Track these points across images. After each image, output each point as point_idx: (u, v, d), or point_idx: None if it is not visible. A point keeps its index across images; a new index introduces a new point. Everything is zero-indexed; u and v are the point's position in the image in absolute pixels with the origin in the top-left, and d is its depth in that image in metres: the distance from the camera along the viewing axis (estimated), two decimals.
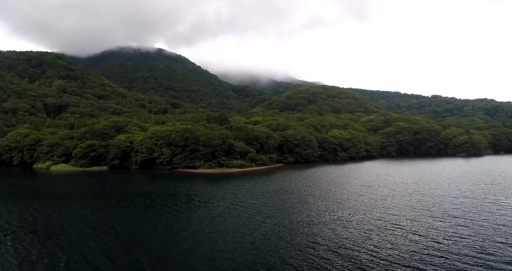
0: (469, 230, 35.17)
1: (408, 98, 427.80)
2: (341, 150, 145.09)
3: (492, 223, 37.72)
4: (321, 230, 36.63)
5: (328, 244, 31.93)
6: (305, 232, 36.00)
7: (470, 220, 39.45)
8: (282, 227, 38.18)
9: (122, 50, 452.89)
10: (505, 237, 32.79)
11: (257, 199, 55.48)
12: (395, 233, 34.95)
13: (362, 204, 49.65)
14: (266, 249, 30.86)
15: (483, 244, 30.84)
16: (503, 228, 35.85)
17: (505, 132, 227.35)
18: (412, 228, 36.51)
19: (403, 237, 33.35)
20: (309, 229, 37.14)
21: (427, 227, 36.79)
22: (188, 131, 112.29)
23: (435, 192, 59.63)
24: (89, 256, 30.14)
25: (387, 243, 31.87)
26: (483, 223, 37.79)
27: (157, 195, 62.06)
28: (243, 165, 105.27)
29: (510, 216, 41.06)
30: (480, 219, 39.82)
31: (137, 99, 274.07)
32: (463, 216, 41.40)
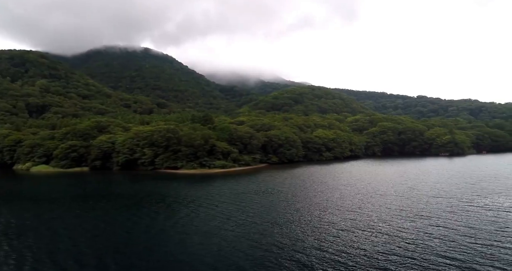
0: (439, 231, 35.15)
1: (394, 99, 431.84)
2: (325, 150, 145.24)
3: (464, 224, 37.77)
4: (291, 230, 36.32)
5: (295, 244, 31.53)
6: (274, 232, 35.61)
7: (443, 220, 39.50)
8: (253, 227, 37.67)
9: (108, 49, 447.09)
10: (474, 238, 32.75)
11: (233, 200, 54.94)
12: (364, 234, 34.72)
13: (337, 205, 49.47)
14: (232, 250, 30.31)
15: (450, 245, 30.75)
16: (474, 228, 35.86)
17: (487, 132, 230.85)
18: (383, 228, 36.36)
19: (371, 238, 33.09)
20: (279, 229, 36.74)
21: (397, 227, 36.68)
22: (170, 131, 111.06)
23: (412, 192, 59.88)
24: (57, 257, 29.55)
25: (354, 244, 31.64)
26: (455, 224, 37.85)
27: (133, 197, 61.10)
28: (226, 165, 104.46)
29: (483, 216, 41.24)
30: (453, 219, 39.89)
31: (122, 99, 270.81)
32: (437, 216, 41.42)
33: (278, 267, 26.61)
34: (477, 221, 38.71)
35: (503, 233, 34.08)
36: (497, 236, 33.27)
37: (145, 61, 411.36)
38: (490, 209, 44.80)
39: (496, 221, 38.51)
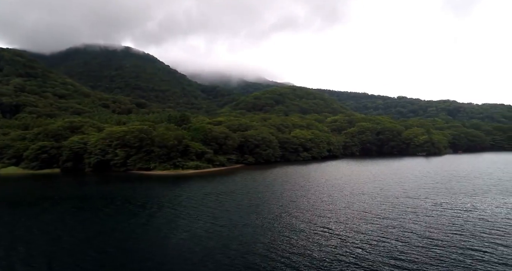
0: (395, 233, 34.56)
1: (375, 99, 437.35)
2: (303, 150, 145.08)
3: (422, 225, 37.39)
4: (243, 233, 35.37)
5: (242, 247, 30.59)
6: (224, 235, 34.57)
7: (401, 221, 39.11)
8: (205, 230, 36.62)
9: (88, 48, 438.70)
10: (429, 240, 32.33)
11: (197, 202, 53.72)
12: (316, 235, 34.01)
13: (300, 206, 48.73)
14: (177, 254, 29.27)
15: (403, 249, 30.21)
16: (431, 230, 35.44)
17: (464, 131, 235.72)
18: (339, 231, 35.71)
19: (321, 241, 32.33)
20: (230, 232, 35.75)
21: (354, 230, 36.10)
22: (143, 131, 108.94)
23: (380, 192, 59.72)
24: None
25: (303, 246, 30.84)
26: (412, 225, 37.42)
27: (93, 198, 59.27)
28: (199, 166, 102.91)
29: (443, 217, 40.98)
30: (412, 221, 39.45)
31: (100, 98, 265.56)
32: (397, 217, 41.02)
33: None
34: (436, 222, 38.45)
35: (459, 234, 33.81)
36: (452, 237, 32.94)
37: (125, 60, 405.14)
38: (452, 209, 44.79)
39: (454, 222, 38.32)
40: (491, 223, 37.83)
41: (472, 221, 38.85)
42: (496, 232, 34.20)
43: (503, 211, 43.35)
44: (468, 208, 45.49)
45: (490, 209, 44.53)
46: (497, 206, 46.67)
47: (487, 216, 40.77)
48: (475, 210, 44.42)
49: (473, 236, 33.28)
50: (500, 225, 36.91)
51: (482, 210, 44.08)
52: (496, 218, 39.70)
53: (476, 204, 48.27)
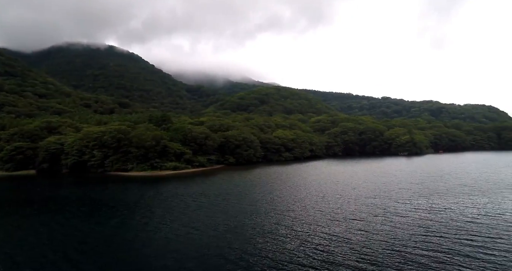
0: (359, 236, 33.93)
1: (360, 100, 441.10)
2: (285, 150, 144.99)
3: (388, 227, 36.83)
4: (202, 236, 34.60)
5: (195, 251, 29.84)
6: (195, 238, 33.75)
7: (367, 223, 38.52)
8: (176, 234, 35.74)
9: (70, 46, 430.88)
10: (392, 242, 31.81)
11: (169, 204, 52.76)
12: (277, 239, 33.37)
13: (269, 207, 48.04)
14: (143, 258, 28.35)
15: (363, 252, 29.71)
16: (397, 232, 34.87)
17: (445, 131, 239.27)
18: (299, 233, 35.05)
19: (281, 245, 31.60)
20: (202, 235, 34.95)
21: (318, 231, 35.57)
22: (121, 132, 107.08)
23: (353, 192, 59.53)
24: None
25: (259, 250, 30.18)
26: (378, 227, 36.81)
27: (61, 200, 57.70)
28: (178, 167, 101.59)
29: (413, 218, 40.43)
30: (379, 222, 39.02)
31: (82, 98, 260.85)
32: (365, 219, 40.67)
33: None
34: (403, 224, 38.04)
35: (425, 236, 33.49)
36: (417, 239, 32.60)
37: (109, 59, 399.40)
38: (422, 210, 44.55)
39: (421, 224, 37.93)
40: (457, 224, 37.56)
41: (440, 222, 38.54)
42: (462, 234, 33.84)
43: (473, 212, 43.24)
44: (439, 209, 45.31)
45: (459, 210, 44.38)
46: (467, 206, 46.61)
47: (456, 217, 40.54)
48: (445, 210, 44.22)
49: (438, 238, 32.88)
50: (467, 226, 36.68)
51: (452, 211, 43.95)
52: (464, 219, 39.48)
53: (447, 204, 48.11)
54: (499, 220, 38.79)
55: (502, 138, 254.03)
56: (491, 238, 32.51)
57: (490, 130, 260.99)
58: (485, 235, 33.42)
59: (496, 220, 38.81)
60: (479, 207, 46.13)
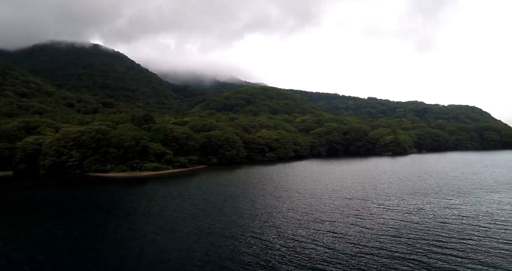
0: (326, 239, 33.27)
1: (346, 100, 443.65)
2: (268, 150, 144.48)
3: (359, 229, 35.98)
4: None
5: (153, 255, 29.03)
6: (162, 242, 32.89)
7: (339, 225, 38.09)
8: (141, 236, 34.81)
9: (55, 45, 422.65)
10: (359, 246, 31.28)
11: (143, 206, 51.72)
12: (244, 241, 32.77)
13: (242, 209, 47.43)
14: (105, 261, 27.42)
15: (327, 256, 29.13)
16: (365, 235, 34.32)
17: (429, 132, 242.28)
18: (269, 236, 34.48)
19: (245, 249, 30.97)
20: (168, 238, 34.10)
21: (285, 234, 34.96)
22: (100, 132, 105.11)
23: (331, 193, 59.22)
24: None
25: (224, 254, 29.53)
26: (349, 229, 36.21)
27: (28, 203, 56.18)
28: (158, 167, 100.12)
29: (384, 220, 39.90)
30: (350, 224, 38.23)
31: (64, 97, 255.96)
32: (336, 221, 40.02)
33: None
34: (373, 226, 37.51)
35: (392, 238, 33.04)
36: (385, 242, 32.03)
37: (94, 58, 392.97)
38: (396, 212, 44.29)
39: (391, 226, 37.45)
40: (427, 226, 37.11)
41: (410, 224, 38.16)
42: (433, 238, 33.14)
43: (445, 213, 42.96)
44: (411, 210, 45.09)
45: (432, 211, 44.13)
46: (440, 207, 46.46)
47: (427, 219, 40.16)
48: (418, 212, 43.97)
49: (408, 240, 32.26)
50: (436, 228, 36.13)
51: (425, 212, 43.72)
52: (434, 221, 39.11)
53: (421, 205, 47.89)
54: (469, 222, 38.40)
55: (485, 138, 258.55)
56: (458, 240, 32.11)
57: (472, 130, 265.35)
58: (453, 238, 32.95)
59: (466, 222, 38.43)
60: (452, 208, 46.10)
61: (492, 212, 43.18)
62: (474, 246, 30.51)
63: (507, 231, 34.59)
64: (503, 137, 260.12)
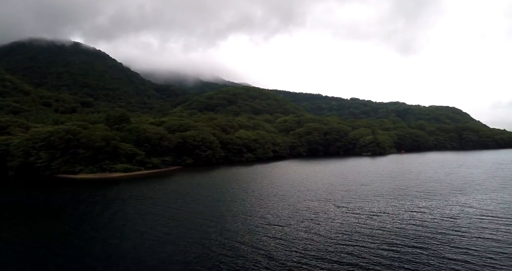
0: (271, 245, 32.22)
1: (329, 100, 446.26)
2: (247, 151, 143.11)
3: (311, 234, 34.83)
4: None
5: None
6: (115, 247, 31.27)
7: (290, 230, 36.52)
8: (95, 246, 33.09)
9: (33, 42, 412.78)
10: (303, 251, 30.05)
11: (99, 210, 49.86)
12: (185, 246, 31.52)
13: (197, 212, 45.97)
14: None
15: (267, 266, 28.09)
16: (315, 240, 33.09)
17: (409, 132, 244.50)
18: (216, 241, 33.22)
19: (185, 255, 29.77)
20: (124, 244, 32.48)
21: (233, 239, 33.73)
22: (70, 132, 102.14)
23: (295, 195, 58.23)
24: None
25: (169, 258, 28.22)
26: (300, 234, 34.87)
27: None
28: (129, 169, 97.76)
29: (340, 224, 38.66)
30: (303, 228, 36.99)
31: (41, 96, 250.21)
32: (290, 224, 38.70)
33: None
34: (329, 231, 35.98)
35: (343, 245, 31.76)
36: (331, 248, 30.95)
37: (74, 56, 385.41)
38: (356, 215, 42.99)
39: (347, 231, 35.91)
40: (384, 232, 35.52)
41: (368, 228, 36.81)
42: (384, 246, 31.30)
43: (407, 217, 41.58)
44: (374, 213, 43.76)
45: (396, 214, 42.82)
46: (406, 210, 44.99)
47: (388, 223, 38.73)
48: (379, 215, 42.55)
49: (357, 249, 30.57)
50: (393, 235, 34.33)
51: (386, 216, 42.36)
52: (394, 226, 37.64)
53: (384, 208, 46.55)
54: (428, 228, 36.73)
55: (463, 138, 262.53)
56: (412, 249, 30.41)
57: (452, 130, 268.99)
58: (410, 244, 31.37)
59: (425, 227, 36.92)
60: (417, 211, 44.69)
61: (454, 215, 41.68)
62: (427, 255, 28.89)
63: (464, 239, 32.85)
64: (481, 138, 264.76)
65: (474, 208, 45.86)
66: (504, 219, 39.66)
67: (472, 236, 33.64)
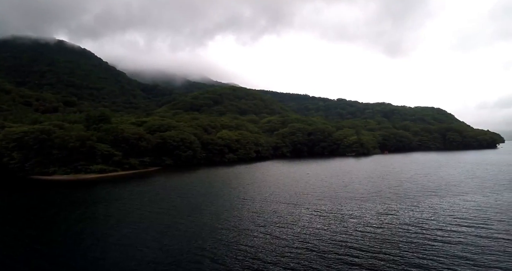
0: (223, 250, 31.31)
1: (316, 101, 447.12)
2: (228, 151, 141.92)
3: (267, 241, 33.26)
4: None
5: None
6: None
7: (245, 235, 35.01)
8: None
9: (17, 40, 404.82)
10: (258, 256, 29.34)
11: (64, 213, 48.35)
12: (140, 252, 30.46)
13: (162, 217, 44.87)
14: None
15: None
16: (259, 248, 31.53)
17: (393, 132, 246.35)
18: (168, 246, 32.23)
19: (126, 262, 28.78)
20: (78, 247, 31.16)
21: (180, 247, 32.79)
22: (45, 132, 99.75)
23: (267, 198, 57.31)
24: None
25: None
26: (256, 239, 33.55)
27: None
28: (105, 169, 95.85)
29: (302, 229, 37.45)
30: (262, 234, 35.39)
31: (22, 96, 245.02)
32: (247, 229, 37.51)
33: None
34: (288, 236, 34.60)
35: (304, 247, 30.97)
36: (284, 258, 29.19)
37: (59, 54, 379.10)
38: (323, 219, 41.35)
39: (306, 237, 34.29)
40: (346, 237, 33.99)
41: (329, 234, 35.31)
42: (343, 250, 30.04)
43: (375, 221, 40.07)
44: (340, 217, 42.04)
45: (361, 218, 41.41)
46: (374, 214, 43.54)
47: (349, 229, 37.10)
48: (346, 220, 41.01)
49: (314, 258, 28.89)
50: (353, 242, 32.66)
51: (353, 220, 40.76)
52: (358, 230, 36.35)
53: (353, 212, 45.14)
54: (395, 232, 35.21)
55: (447, 139, 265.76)
56: (375, 253, 29.20)
57: (436, 131, 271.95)
58: (370, 250, 30.05)
59: (392, 231, 35.61)
60: (385, 214, 43.20)
61: (423, 219, 40.37)
62: (387, 261, 27.71)
63: (429, 244, 31.56)
64: (465, 138, 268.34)
65: (445, 211, 44.88)
66: (473, 223, 38.63)
67: (437, 241, 32.40)
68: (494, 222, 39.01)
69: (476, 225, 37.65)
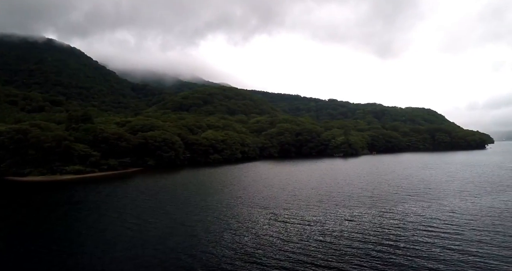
0: (183, 260, 30.06)
1: (307, 101, 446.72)
2: (213, 152, 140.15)
3: (229, 246, 32.11)
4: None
5: None
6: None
7: (216, 238, 34.41)
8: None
9: (4, 38, 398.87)
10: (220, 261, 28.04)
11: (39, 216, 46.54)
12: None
13: (129, 220, 43.31)
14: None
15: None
16: (214, 254, 30.11)
17: (382, 133, 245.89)
18: (129, 249, 30.73)
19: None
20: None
21: (141, 253, 31.30)
22: (21, 132, 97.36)
23: (245, 201, 55.86)
24: None
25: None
26: (224, 244, 32.38)
27: None
28: (81, 170, 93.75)
29: (267, 236, 36.42)
30: (228, 240, 33.95)
31: (7, 94, 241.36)
32: (211, 232, 36.19)
33: None
34: (246, 241, 33.23)
35: (256, 256, 29.40)
36: (239, 258, 28.75)
37: (47, 53, 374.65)
38: (285, 225, 39.04)
39: (263, 242, 33.10)
40: (304, 246, 31.75)
41: (287, 243, 32.86)
42: (295, 264, 27.69)
43: (337, 227, 37.54)
44: (304, 223, 39.61)
45: (327, 225, 38.94)
46: (340, 220, 41.20)
47: (309, 237, 34.54)
48: (307, 226, 38.44)
49: (283, 258, 27.93)
50: (319, 250, 30.47)
51: (316, 226, 38.25)
52: (316, 239, 33.83)
53: (319, 217, 42.41)
54: (362, 240, 33.15)
55: (436, 139, 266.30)
56: (332, 262, 27.44)
57: (425, 131, 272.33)
58: (313, 264, 27.42)
59: (354, 236, 33.92)
60: (350, 220, 40.87)
61: (393, 226, 37.95)
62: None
63: (395, 254, 29.26)
64: (453, 139, 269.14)
65: (416, 217, 41.87)
66: (443, 232, 35.59)
67: (397, 255, 29.28)
68: (466, 230, 35.74)
69: (446, 235, 34.29)
